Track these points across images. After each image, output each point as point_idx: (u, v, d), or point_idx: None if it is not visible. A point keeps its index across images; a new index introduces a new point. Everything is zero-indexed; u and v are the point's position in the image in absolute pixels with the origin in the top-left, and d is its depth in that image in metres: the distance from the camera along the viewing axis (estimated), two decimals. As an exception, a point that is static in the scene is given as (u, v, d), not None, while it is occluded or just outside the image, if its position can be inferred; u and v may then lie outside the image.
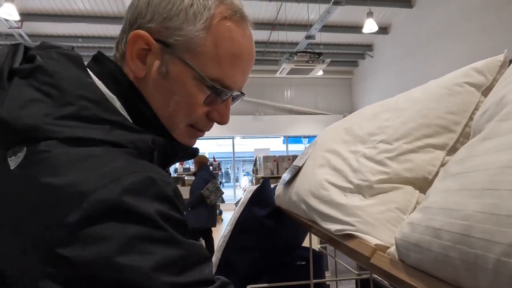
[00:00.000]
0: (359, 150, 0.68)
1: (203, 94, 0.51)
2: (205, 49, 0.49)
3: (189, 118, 0.53)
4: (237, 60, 0.52)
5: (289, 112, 11.68)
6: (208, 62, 0.49)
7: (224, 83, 0.51)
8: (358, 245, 0.53)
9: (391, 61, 9.26)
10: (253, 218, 1.19)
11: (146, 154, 0.45)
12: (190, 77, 0.49)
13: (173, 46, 0.49)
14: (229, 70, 0.51)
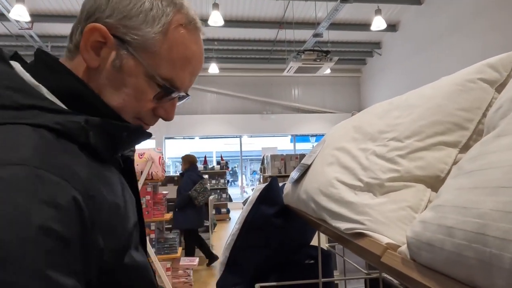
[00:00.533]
0: (369, 148, 0.67)
1: (152, 90, 0.54)
2: (160, 51, 0.53)
3: (136, 111, 0.56)
4: (188, 64, 0.56)
5: (297, 111, 11.65)
6: (161, 63, 0.53)
7: (173, 84, 0.55)
8: (369, 243, 0.53)
9: (400, 58, 9.17)
10: (261, 216, 1.19)
11: (79, 134, 0.46)
12: (142, 73, 0.53)
13: (130, 44, 0.52)
14: (179, 72, 0.55)
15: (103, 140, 0.49)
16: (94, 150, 0.48)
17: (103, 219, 0.44)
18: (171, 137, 11.39)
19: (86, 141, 0.47)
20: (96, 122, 0.48)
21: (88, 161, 0.47)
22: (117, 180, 0.53)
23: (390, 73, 9.75)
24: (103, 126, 0.49)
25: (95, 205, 0.43)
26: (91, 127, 0.47)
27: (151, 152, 3.47)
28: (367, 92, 11.39)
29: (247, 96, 11.35)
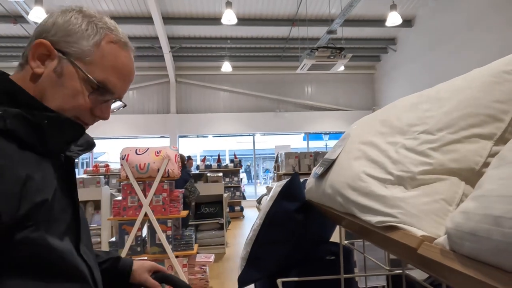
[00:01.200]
0: (398, 141, 0.66)
1: (87, 91, 0.67)
2: (93, 59, 0.67)
3: (75, 110, 0.67)
4: (118, 71, 0.69)
5: (310, 109, 11.59)
6: (94, 69, 0.67)
7: (105, 86, 0.68)
8: (403, 236, 0.53)
9: (416, 54, 9.00)
10: (283, 212, 1.19)
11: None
12: (79, 77, 0.66)
13: (69, 54, 0.66)
14: (110, 77, 0.68)
15: (23, 127, 0.59)
16: (19, 139, 0.59)
17: (4, 186, 0.53)
18: (185, 135, 11.49)
19: (4, 127, 0.58)
20: (14, 112, 0.59)
21: (4, 145, 0.57)
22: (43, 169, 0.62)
23: (406, 70, 9.59)
24: (21, 115, 0.60)
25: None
26: (8, 115, 0.58)
27: (167, 150, 3.51)
28: (382, 89, 11.24)
29: (260, 94, 11.35)
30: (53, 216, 0.61)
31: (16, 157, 0.58)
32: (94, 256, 0.76)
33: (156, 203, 3.43)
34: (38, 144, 0.62)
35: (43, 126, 0.62)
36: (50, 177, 0.63)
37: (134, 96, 11.09)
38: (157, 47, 9.27)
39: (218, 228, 5.57)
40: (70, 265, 0.62)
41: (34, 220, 0.57)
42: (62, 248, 0.61)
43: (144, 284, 0.89)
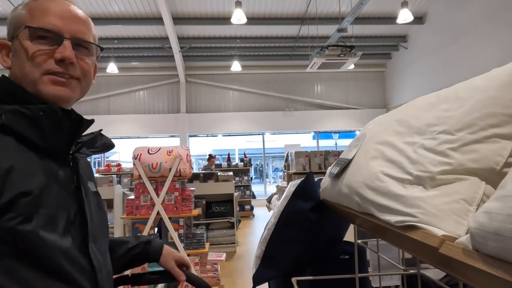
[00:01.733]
0: (416, 141, 0.67)
1: (34, 44, 0.69)
2: (24, 17, 0.70)
3: (36, 68, 0.68)
4: (48, 11, 0.70)
5: (320, 107, 11.54)
6: (27, 22, 0.70)
7: (45, 27, 0.69)
8: (423, 236, 0.53)
9: (428, 52, 8.89)
10: (297, 211, 1.20)
11: None
12: (23, 39, 0.69)
13: (12, 35, 0.71)
14: (43, 18, 0.70)
15: (22, 122, 0.63)
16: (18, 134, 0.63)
17: None
18: (195, 135, 11.57)
19: (0, 123, 0.61)
20: (10, 108, 0.63)
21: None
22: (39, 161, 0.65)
23: (417, 67, 9.47)
24: (17, 110, 0.63)
25: None
26: (4, 111, 0.63)
27: (179, 150, 3.55)
28: (393, 87, 11.12)
29: (270, 93, 11.35)
30: (46, 211, 0.62)
31: (2, 148, 0.61)
32: (107, 257, 0.78)
33: (168, 202, 3.47)
34: (38, 138, 0.65)
35: (40, 118, 0.64)
36: (49, 175, 0.65)
37: (145, 96, 11.21)
38: (167, 47, 9.34)
39: (228, 227, 5.60)
40: (62, 263, 0.63)
41: (18, 210, 0.59)
42: (56, 245, 0.62)
43: (170, 271, 0.93)
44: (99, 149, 0.80)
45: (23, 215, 0.59)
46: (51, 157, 0.68)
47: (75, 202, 0.70)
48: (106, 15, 8.14)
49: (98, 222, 0.76)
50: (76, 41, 0.72)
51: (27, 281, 0.59)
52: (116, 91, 10.98)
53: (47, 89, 0.68)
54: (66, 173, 0.70)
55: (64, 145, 0.70)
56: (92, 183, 0.81)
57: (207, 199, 5.58)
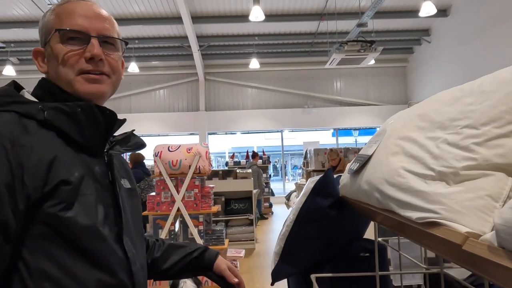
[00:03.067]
0: (439, 136, 0.65)
1: (65, 46, 0.73)
2: (53, 22, 0.75)
3: (69, 68, 0.73)
4: (74, 13, 0.75)
5: (339, 104, 11.39)
6: (56, 26, 0.74)
7: (72, 28, 0.74)
8: (445, 232, 0.52)
9: (452, 45, 8.59)
10: (316, 208, 1.19)
11: (37, 114, 0.67)
12: (54, 43, 0.74)
13: (45, 41, 0.76)
14: (69, 21, 0.74)
15: (62, 117, 0.68)
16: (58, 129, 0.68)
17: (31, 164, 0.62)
18: (214, 132, 11.66)
19: (44, 118, 0.67)
20: (52, 105, 0.69)
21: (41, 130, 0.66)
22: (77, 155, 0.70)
23: (441, 62, 9.18)
24: (59, 107, 0.69)
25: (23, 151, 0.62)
26: (47, 108, 0.68)
27: (198, 147, 3.59)
28: (415, 83, 10.83)
29: (288, 90, 11.29)
30: (85, 200, 0.67)
31: (47, 141, 0.66)
32: (141, 251, 0.81)
33: (188, 198, 3.53)
34: (76, 133, 0.70)
35: (77, 114, 0.69)
36: (86, 168, 0.70)
37: (165, 94, 11.39)
38: (186, 46, 9.45)
39: (247, 224, 5.63)
40: (100, 251, 0.68)
41: (61, 197, 0.64)
42: (95, 232, 0.67)
43: (222, 273, 0.98)
44: (131, 147, 0.86)
45: (64, 203, 0.64)
46: (88, 153, 0.72)
47: (110, 197, 0.74)
48: (127, 15, 8.31)
49: (132, 217, 0.80)
50: (102, 38, 0.76)
51: (67, 265, 0.63)
52: (137, 90, 11.21)
53: (82, 87, 0.74)
54: (101, 169, 0.74)
55: (99, 142, 0.75)
56: (126, 180, 0.84)
57: (226, 196, 5.62)
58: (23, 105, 0.68)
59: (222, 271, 0.97)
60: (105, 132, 0.75)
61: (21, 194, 0.61)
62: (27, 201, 0.62)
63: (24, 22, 8.11)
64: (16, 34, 8.61)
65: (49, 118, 0.67)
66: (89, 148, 0.72)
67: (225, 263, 1.00)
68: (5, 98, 0.69)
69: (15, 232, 0.61)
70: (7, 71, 8.92)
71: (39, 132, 0.66)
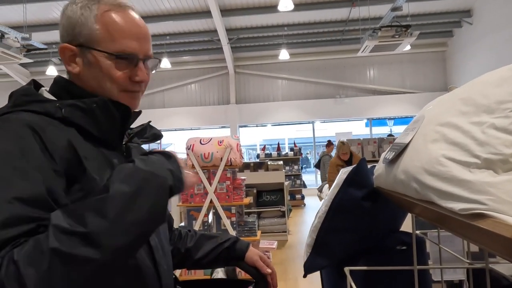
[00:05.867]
0: (484, 121, 0.60)
1: (114, 64, 0.74)
2: (101, 35, 0.73)
3: (115, 85, 0.75)
4: (125, 32, 0.74)
5: (372, 93, 11.02)
6: (108, 43, 0.73)
7: (125, 51, 0.74)
8: (494, 225, 0.48)
9: (496, 26, 7.99)
10: (349, 199, 1.15)
11: (55, 112, 0.68)
12: (101, 57, 0.73)
13: (84, 44, 0.74)
14: (122, 41, 0.74)
15: (79, 114, 0.70)
16: (77, 125, 0.69)
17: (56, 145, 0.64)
18: (245, 125, 11.72)
19: (62, 116, 0.68)
20: (69, 102, 0.70)
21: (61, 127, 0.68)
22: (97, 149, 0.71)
23: (484, 44, 8.58)
24: (75, 104, 0.70)
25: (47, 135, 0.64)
26: (64, 106, 0.69)
27: (229, 140, 3.62)
28: (455, 68, 10.23)
29: (319, 81, 11.08)
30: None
31: (69, 134, 0.68)
32: (164, 237, 0.82)
33: (220, 190, 3.58)
34: (93, 128, 0.71)
35: (94, 109, 0.71)
36: (106, 161, 0.72)
37: (196, 89, 11.58)
38: (216, 40, 9.52)
39: (279, 215, 5.63)
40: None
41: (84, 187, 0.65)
42: None
43: (254, 264, 0.97)
44: (148, 139, 0.87)
45: (87, 192, 0.65)
46: (106, 147, 0.74)
47: None
48: (158, 12, 8.49)
49: None
50: (146, 59, 0.78)
51: None
52: (170, 85, 11.48)
53: (123, 102, 0.76)
54: (120, 161, 0.75)
55: (116, 135, 0.76)
56: None
57: (258, 188, 5.65)
58: (42, 103, 0.70)
59: (254, 262, 0.97)
60: (121, 126, 0.76)
61: (58, 175, 0.63)
62: (62, 183, 0.63)
63: (64, 23, 8.52)
64: (56, 35, 9.02)
65: (67, 116, 0.69)
66: (106, 141, 0.74)
67: (257, 254, 0.99)
68: (24, 97, 0.71)
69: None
70: (50, 71, 9.45)
71: (60, 126, 0.68)
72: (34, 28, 8.17)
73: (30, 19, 7.83)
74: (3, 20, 7.64)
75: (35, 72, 10.61)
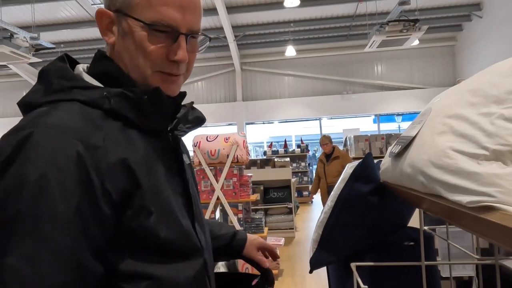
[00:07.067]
0: (493, 111, 0.58)
1: (148, 36, 0.62)
2: (139, 1, 0.61)
3: (149, 62, 0.63)
4: (168, 2, 0.61)
5: (380, 89, 10.90)
6: (144, 9, 0.61)
7: (164, 23, 0.61)
8: (502, 218, 0.46)
9: (506, 20, 7.83)
10: (356, 194, 1.14)
11: (102, 103, 0.59)
12: (138, 27, 0.61)
13: (120, 10, 0.63)
14: (160, 8, 0.61)
15: (127, 105, 0.60)
16: (124, 118, 0.60)
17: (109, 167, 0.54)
18: (251, 122, 11.71)
19: (109, 107, 0.58)
20: (117, 91, 0.60)
21: (109, 124, 0.58)
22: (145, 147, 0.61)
23: (495, 38, 8.42)
24: (124, 93, 0.60)
25: (98, 154, 0.54)
26: (112, 95, 0.59)
27: (235, 136, 3.62)
28: (465, 63, 10.06)
29: (326, 77, 11.00)
30: (164, 198, 0.61)
31: (118, 137, 0.58)
32: (208, 237, 0.76)
33: (227, 187, 3.58)
34: (141, 121, 0.61)
35: (143, 101, 0.60)
36: (156, 159, 0.63)
37: (203, 86, 11.59)
38: (222, 37, 9.50)
39: (287, 212, 5.62)
40: (191, 244, 0.64)
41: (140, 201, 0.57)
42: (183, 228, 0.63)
43: (253, 259, 0.93)
44: (192, 124, 0.75)
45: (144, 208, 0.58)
46: (153, 136, 0.64)
47: (179, 183, 0.67)
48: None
49: (197, 199, 0.74)
50: (190, 34, 0.65)
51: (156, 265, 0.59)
52: (177, 83, 11.50)
53: (156, 85, 0.64)
54: (168, 153, 0.66)
55: (166, 126, 0.67)
56: (186, 155, 0.76)
57: (265, 185, 5.64)
58: (85, 90, 0.59)
59: (253, 257, 0.93)
60: (171, 115, 0.68)
61: (105, 201, 0.53)
62: (112, 208, 0.54)
63: (72, 23, 8.60)
64: (64, 35, 9.15)
65: (115, 108, 0.59)
66: (154, 132, 0.64)
67: (257, 245, 0.94)
68: (63, 81, 0.60)
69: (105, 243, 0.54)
70: (58, 70, 9.53)
71: (107, 126, 0.58)
72: (42, 28, 8.26)
73: (38, 19, 7.91)
74: (12, 20, 7.73)
75: (44, 71, 10.70)
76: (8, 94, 11.56)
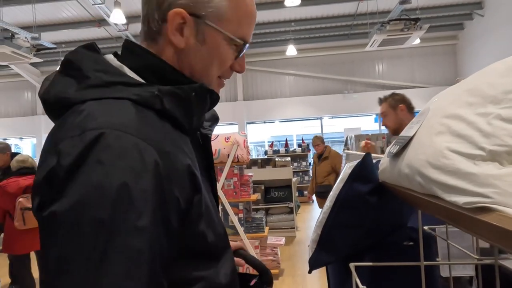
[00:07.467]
0: (490, 111, 0.58)
1: (233, 51, 0.64)
2: (230, 15, 0.61)
3: (220, 72, 0.65)
4: (251, 19, 0.65)
5: (382, 88, 10.89)
6: (233, 25, 0.62)
7: (245, 40, 0.64)
8: (499, 219, 0.46)
9: (509, 19, 7.80)
10: (354, 194, 1.14)
11: (154, 102, 0.54)
12: (222, 39, 0.62)
13: (205, 17, 0.60)
14: (246, 29, 0.64)
15: (177, 105, 0.56)
16: (173, 118, 0.56)
17: (178, 174, 0.51)
18: (252, 122, 11.71)
19: (161, 107, 0.54)
20: (168, 90, 0.56)
21: (165, 126, 0.54)
22: (191, 149, 0.59)
23: (496, 37, 8.39)
24: (174, 92, 0.56)
25: (169, 160, 0.50)
26: (164, 94, 0.55)
27: (236, 136, 3.62)
28: (466, 61, 10.04)
29: (327, 76, 10.99)
30: (210, 200, 0.60)
31: (174, 139, 0.55)
32: None
33: (227, 187, 3.58)
34: (185, 120, 0.58)
35: (191, 99, 0.58)
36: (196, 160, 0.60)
37: (204, 86, 11.59)
38: (223, 36, 9.50)
39: (287, 212, 5.62)
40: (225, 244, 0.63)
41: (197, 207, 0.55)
42: (221, 230, 0.62)
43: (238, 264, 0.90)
44: (210, 121, 0.74)
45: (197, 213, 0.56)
46: (187, 136, 0.61)
47: (209, 181, 0.66)
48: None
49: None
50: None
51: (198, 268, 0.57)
52: (177, 82, 11.51)
53: (216, 90, 0.65)
54: (199, 153, 0.64)
55: (202, 124, 0.66)
56: None
57: (265, 184, 5.64)
58: (133, 88, 0.54)
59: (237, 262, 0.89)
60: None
61: (174, 212, 0.50)
62: (179, 219, 0.51)
63: (73, 23, 8.61)
64: (65, 35, 9.16)
65: (169, 108, 0.55)
66: (191, 131, 0.61)
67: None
68: (107, 76, 0.55)
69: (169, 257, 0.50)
70: (59, 70, 9.55)
71: (168, 130, 0.54)
72: (43, 28, 8.27)
73: (39, 19, 7.93)
74: (13, 20, 7.75)
75: (46, 71, 10.73)
76: (9, 94, 11.60)
